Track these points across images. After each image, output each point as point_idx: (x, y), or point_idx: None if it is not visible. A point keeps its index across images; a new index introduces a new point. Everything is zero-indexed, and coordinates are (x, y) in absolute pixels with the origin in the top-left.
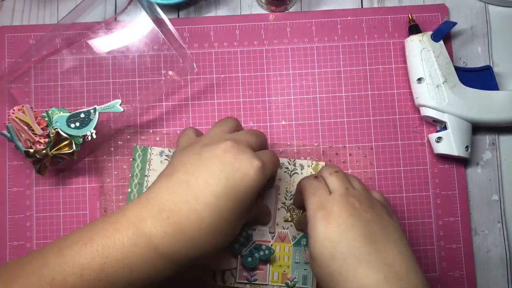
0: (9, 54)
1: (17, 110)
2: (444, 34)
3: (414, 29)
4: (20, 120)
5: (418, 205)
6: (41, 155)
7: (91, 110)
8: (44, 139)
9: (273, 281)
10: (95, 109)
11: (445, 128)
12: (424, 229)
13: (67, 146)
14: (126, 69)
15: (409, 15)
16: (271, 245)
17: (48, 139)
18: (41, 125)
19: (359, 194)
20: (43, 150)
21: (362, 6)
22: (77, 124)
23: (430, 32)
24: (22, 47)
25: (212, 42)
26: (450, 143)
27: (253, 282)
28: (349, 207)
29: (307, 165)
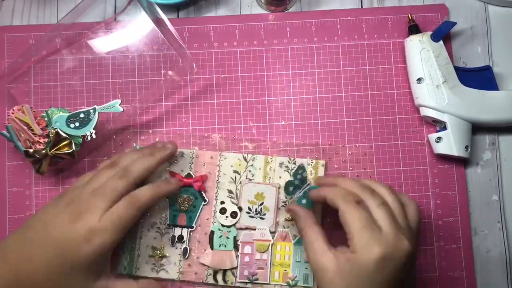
0: (9, 54)
1: (17, 110)
2: (444, 34)
3: (414, 29)
4: (20, 120)
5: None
6: (41, 155)
7: (91, 110)
8: (44, 139)
9: (274, 280)
10: (95, 109)
11: (445, 128)
12: (424, 229)
13: (67, 146)
14: (126, 69)
15: (409, 15)
16: (272, 244)
17: (48, 139)
18: (41, 125)
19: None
20: (43, 150)
21: (362, 6)
22: (77, 124)
23: (430, 32)
24: (22, 47)
25: (212, 42)
26: (450, 143)
27: (254, 282)
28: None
29: (307, 164)
